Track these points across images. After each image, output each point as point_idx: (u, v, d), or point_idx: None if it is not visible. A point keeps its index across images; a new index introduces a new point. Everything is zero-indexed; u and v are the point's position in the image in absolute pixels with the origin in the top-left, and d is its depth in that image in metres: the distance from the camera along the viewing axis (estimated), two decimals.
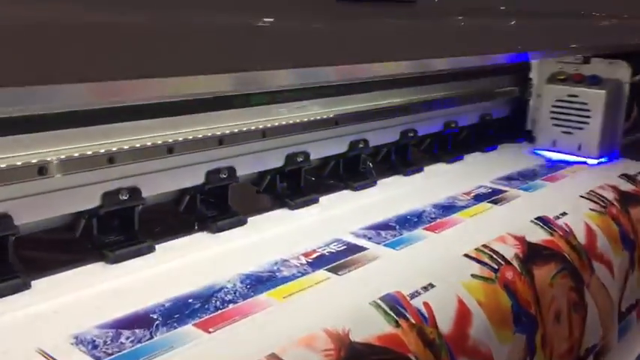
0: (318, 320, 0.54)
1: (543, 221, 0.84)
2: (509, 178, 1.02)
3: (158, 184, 0.69)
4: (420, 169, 1.03)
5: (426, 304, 0.61)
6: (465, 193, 0.93)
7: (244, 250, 0.70)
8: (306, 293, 0.60)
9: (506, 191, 0.95)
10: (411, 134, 1.03)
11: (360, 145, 0.94)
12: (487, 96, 1.18)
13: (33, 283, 0.59)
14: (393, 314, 0.58)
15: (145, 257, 0.66)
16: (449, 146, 1.12)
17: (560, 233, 0.83)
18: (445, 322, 0.61)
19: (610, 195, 0.98)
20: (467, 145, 1.16)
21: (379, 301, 0.59)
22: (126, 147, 0.64)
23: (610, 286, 0.87)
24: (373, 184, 0.94)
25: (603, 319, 0.85)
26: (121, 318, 0.53)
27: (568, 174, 1.07)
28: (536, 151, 1.19)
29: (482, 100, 1.17)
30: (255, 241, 0.73)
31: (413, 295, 0.61)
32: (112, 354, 0.48)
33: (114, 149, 0.63)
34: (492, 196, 0.92)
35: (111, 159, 0.62)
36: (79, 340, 0.50)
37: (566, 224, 0.85)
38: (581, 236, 0.85)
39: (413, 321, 0.59)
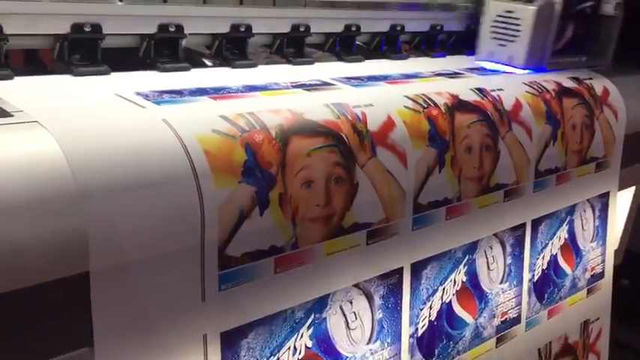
0: (287, 105, 0.86)
1: (480, 90, 1.12)
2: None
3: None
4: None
5: (363, 112, 0.92)
6: (431, 71, 1.21)
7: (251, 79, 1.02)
8: (286, 96, 0.92)
9: (463, 74, 1.23)
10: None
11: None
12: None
13: (113, 74, 0.93)
14: (337, 111, 0.89)
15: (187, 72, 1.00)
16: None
17: (490, 99, 1.11)
18: (373, 125, 0.91)
19: (549, 85, 1.24)
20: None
21: (330, 104, 0.90)
22: None
23: (527, 146, 1.14)
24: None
25: (518, 169, 1.14)
26: (164, 91, 0.86)
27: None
28: (477, 61, 1.34)
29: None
30: (260, 75, 1.04)
31: (355, 106, 0.92)
32: (155, 98, 0.81)
33: None
34: (451, 75, 1.21)
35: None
36: (138, 93, 0.83)
37: (498, 95, 1.13)
38: (508, 104, 1.13)
39: (349, 118, 0.89)
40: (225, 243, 0.74)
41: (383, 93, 1.01)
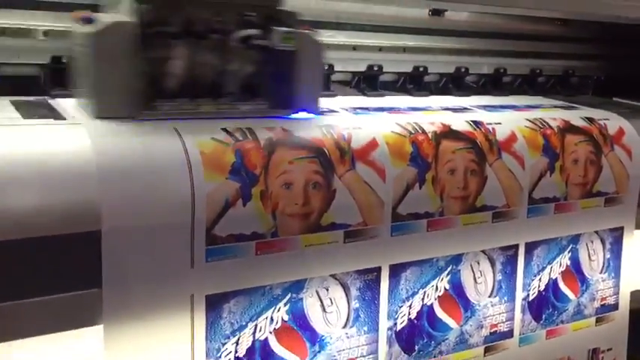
0: (282, 124, 1.08)
1: (475, 122, 1.27)
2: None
3: None
4: None
5: (349, 133, 1.11)
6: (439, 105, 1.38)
7: None
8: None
9: (471, 109, 1.38)
10: None
11: None
12: None
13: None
14: (325, 131, 1.09)
15: None
16: None
17: (483, 130, 1.26)
18: (357, 144, 1.10)
19: (553, 123, 1.36)
20: None
21: (322, 126, 1.10)
22: None
23: (518, 174, 1.27)
24: None
25: (508, 194, 1.26)
26: None
27: None
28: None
29: None
30: None
31: (343, 129, 1.12)
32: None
33: None
34: (459, 110, 1.37)
35: None
36: None
37: (493, 128, 1.27)
38: (502, 136, 1.27)
39: (335, 137, 1.09)
40: (212, 224, 0.96)
41: (376, 120, 1.20)
